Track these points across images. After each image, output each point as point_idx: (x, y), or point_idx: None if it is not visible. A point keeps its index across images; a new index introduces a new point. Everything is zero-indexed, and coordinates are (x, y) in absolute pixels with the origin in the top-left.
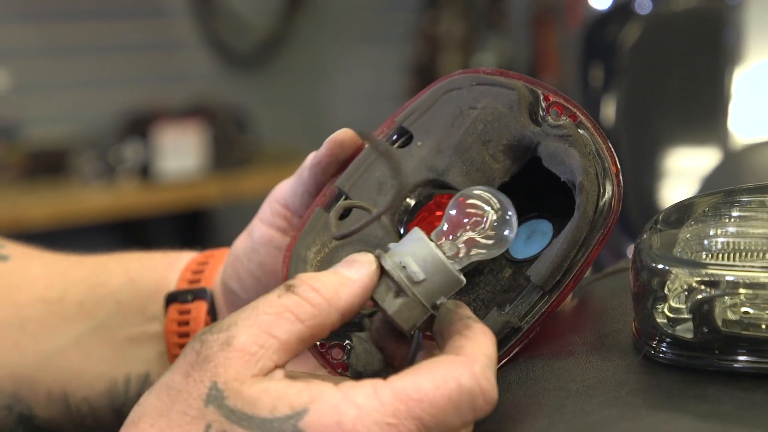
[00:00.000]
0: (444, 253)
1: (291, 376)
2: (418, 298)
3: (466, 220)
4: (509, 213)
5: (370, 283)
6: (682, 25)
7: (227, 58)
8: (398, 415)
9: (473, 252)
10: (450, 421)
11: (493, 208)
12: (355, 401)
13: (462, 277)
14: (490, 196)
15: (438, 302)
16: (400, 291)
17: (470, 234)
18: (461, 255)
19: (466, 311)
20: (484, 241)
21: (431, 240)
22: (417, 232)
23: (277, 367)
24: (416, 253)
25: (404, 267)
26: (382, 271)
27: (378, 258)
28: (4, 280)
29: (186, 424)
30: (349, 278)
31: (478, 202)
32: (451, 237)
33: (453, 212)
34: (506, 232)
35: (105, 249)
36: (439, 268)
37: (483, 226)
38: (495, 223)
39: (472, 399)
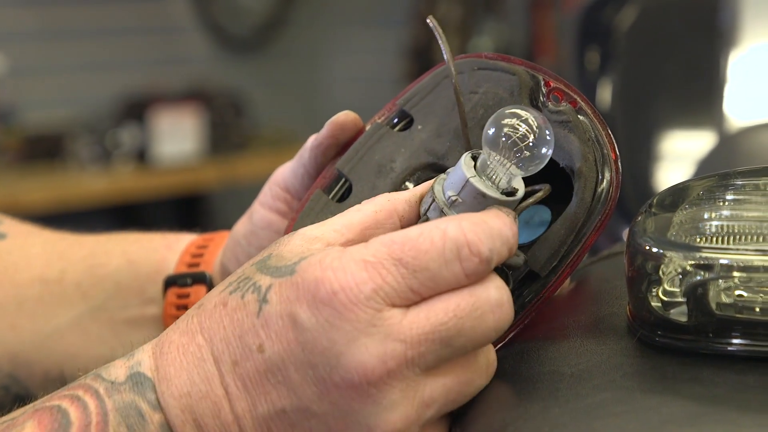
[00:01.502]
0: (482, 177)
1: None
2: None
3: (504, 139)
4: (548, 132)
5: (419, 191)
6: (677, 8)
7: (224, 41)
8: (378, 255)
9: (513, 170)
10: (433, 267)
11: (531, 127)
12: (345, 250)
13: (501, 196)
14: (528, 114)
15: None
16: (442, 214)
17: (508, 153)
18: (502, 175)
19: (507, 210)
20: (522, 158)
21: (473, 165)
22: (462, 160)
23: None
24: (456, 179)
25: (443, 191)
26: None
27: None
28: (2, 258)
29: (227, 280)
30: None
31: (516, 121)
32: (491, 158)
33: (491, 131)
34: (544, 150)
35: (102, 233)
36: (472, 191)
37: (522, 144)
38: (532, 143)
39: (456, 247)
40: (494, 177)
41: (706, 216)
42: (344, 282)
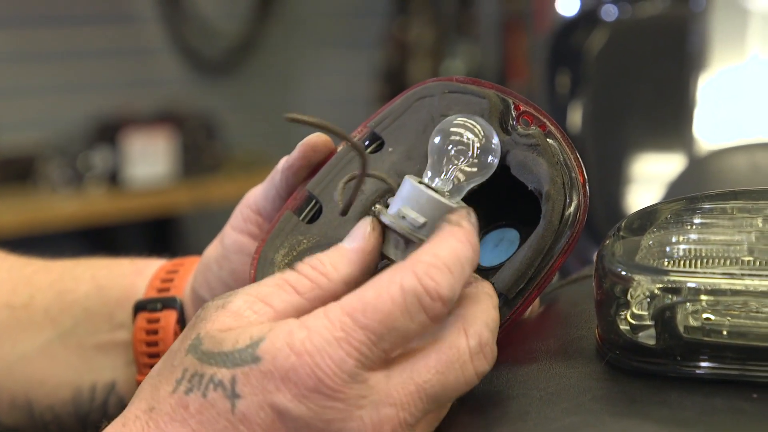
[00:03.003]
0: (436, 191)
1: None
2: (425, 240)
3: (450, 148)
4: (493, 141)
5: (368, 246)
6: (647, 31)
7: (197, 64)
8: (345, 328)
9: (463, 180)
10: (400, 325)
11: (477, 136)
12: (306, 324)
13: (462, 206)
14: (473, 123)
15: None
16: (407, 241)
17: (457, 164)
18: (453, 187)
19: (452, 215)
20: (469, 169)
21: (422, 182)
22: (407, 181)
23: None
24: (411, 199)
25: (403, 217)
26: (386, 228)
27: (377, 216)
28: None
29: (169, 374)
30: (346, 248)
31: (462, 131)
32: (440, 173)
33: (437, 141)
34: (490, 159)
35: (74, 256)
36: (436, 206)
37: (469, 153)
38: (479, 150)
39: (417, 298)
40: (442, 189)
41: (674, 239)
42: (325, 366)
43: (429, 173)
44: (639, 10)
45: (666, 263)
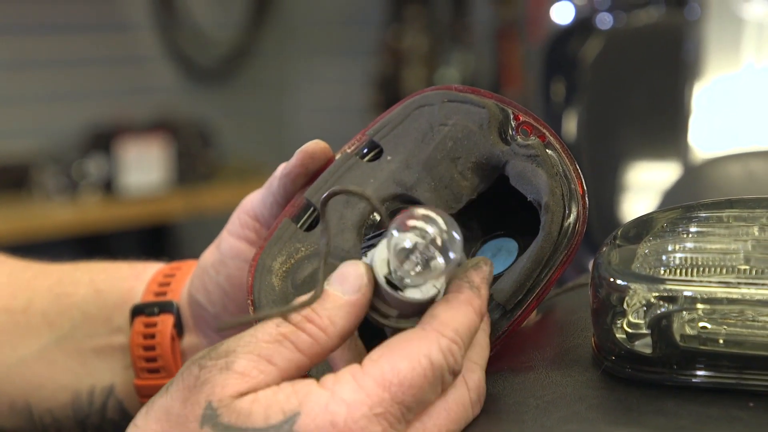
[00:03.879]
0: (396, 286)
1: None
2: (400, 327)
3: (408, 244)
4: (455, 233)
5: (363, 300)
6: (642, 40)
7: (191, 72)
8: (384, 403)
9: (422, 276)
10: (427, 398)
11: (439, 229)
12: (342, 398)
13: (424, 297)
14: (435, 216)
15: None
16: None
17: (414, 260)
18: (412, 277)
19: (475, 274)
20: (429, 262)
21: (385, 279)
22: (372, 265)
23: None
24: (382, 292)
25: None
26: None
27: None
28: None
29: None
30: (343, 300)
31: (422, 224)
32: (399, 264)
33: (396, 233)
34: (452, 254)
35: (69, 262)
36: (403, 304)
37: (427, 247)
38: (439, 245)
39: (442, 374)
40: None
41: (670, 248)
42: None
43: (391, 259)
44: (634, 18)
45: (662, 272)
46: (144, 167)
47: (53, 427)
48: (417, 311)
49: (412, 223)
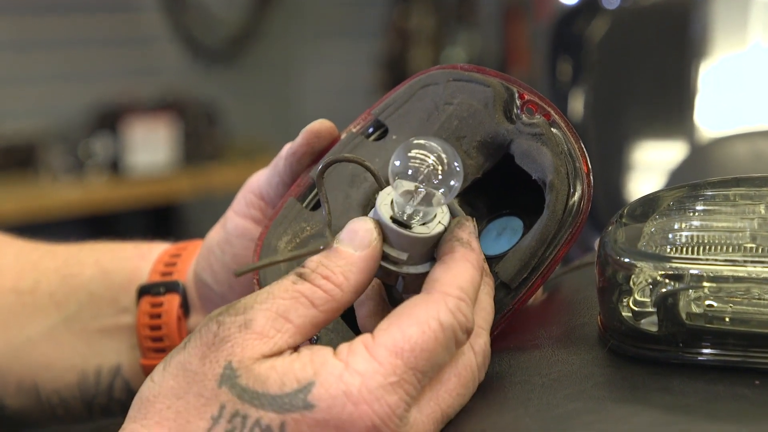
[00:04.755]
0: (404, 224)
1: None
2: (411, 272)
3: (411, 172)
4: (456, 163)
5: (375, 254)
6: (649, 19)
7: (198, 52)
8: (398, 371)
9: (425, 206)
10: (441, 360)
11: (439, 159)
12: (356, 369)
13: (431, 232)
14: (435, 145)
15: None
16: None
17: (420, 190)
18: (419, 214)
19: (461, 231)
20: (433, 191)
21: (391, 219)
22: (376, 211)
23: (289, 348)
24: (389, 236)
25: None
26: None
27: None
28: None
29: (201, 406)
30: (355, 257)
31: (424, 153)
32: (405, 201)
33: (398, 163)
34: (452, 182)
35: (75, 243)
36: (412, 241)
37: (432, 178)
38: (440, 175)
39: (453, 333)
40: (416, 212)
41: (676, 226)
42: (383, 413)
43: (395, 197)
44: None
45: (668, 250)
46: (150, 147)
47: (60, 407)
48: (426, 253)
49: (412, 153)
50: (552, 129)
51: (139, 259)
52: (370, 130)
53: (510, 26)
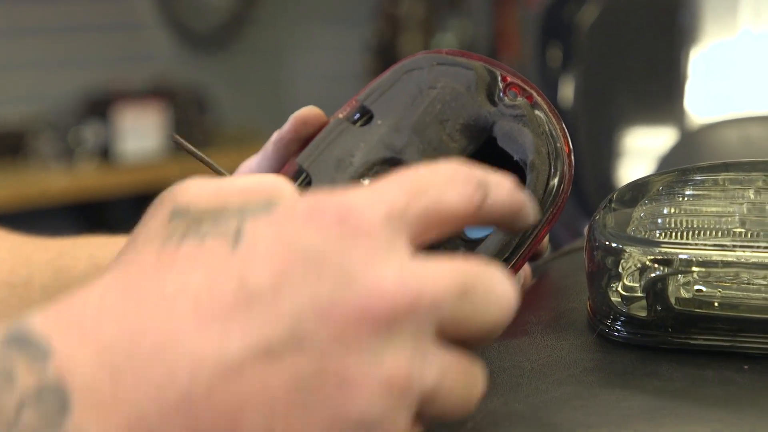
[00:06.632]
0: None
1: None
2: None
3: None
4: None
5: None
6: (639, 6)
7: (188, 38)
8: (378, 185)
9: None
10: (438, 184)
11: None
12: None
13: None
14: None
15: None
16: None
17: None
18: None
19: None
20: None
21: None
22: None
23: None
24: None
25: None
26: None
27: None
28: None
29: (151, 241)
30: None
31: None
32: None
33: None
34: None
35: (65, 232)
36: None
37: None
38: None
39: (453, 170)
40: None
41: (665, 211)
42: (356, 202)
43: None
44: None
45: (657, 235)
46: (141, 134)
47: None
48: None
49: None
50: (534, 110)
51: None
52: (356, 116)
53: (501, 12)
